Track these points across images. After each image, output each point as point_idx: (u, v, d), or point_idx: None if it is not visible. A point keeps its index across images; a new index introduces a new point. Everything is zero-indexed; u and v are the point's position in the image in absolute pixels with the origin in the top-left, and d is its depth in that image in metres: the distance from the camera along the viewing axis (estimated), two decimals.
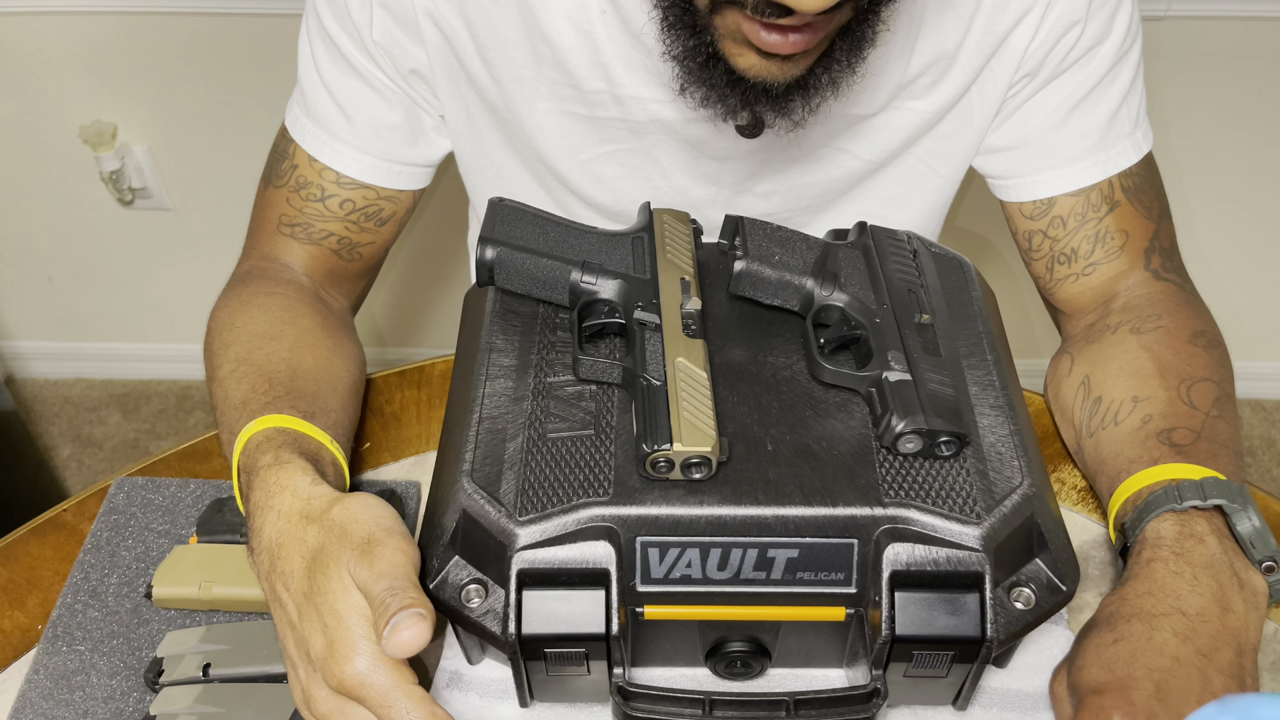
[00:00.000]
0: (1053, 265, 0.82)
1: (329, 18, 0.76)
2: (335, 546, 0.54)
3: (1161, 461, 0.64)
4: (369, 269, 0.85)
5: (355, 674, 0.51)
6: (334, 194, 0.80)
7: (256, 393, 0.65)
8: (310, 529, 0.55)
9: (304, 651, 0.53)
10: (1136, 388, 0.70)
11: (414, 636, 0.50)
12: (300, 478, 0.58)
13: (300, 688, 0.54)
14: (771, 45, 0.57)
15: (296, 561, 0.55)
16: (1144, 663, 0.55)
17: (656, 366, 0.59)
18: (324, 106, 0.78)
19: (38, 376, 1.97)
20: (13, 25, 1.48)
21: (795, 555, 0.55)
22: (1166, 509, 0.61)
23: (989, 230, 1.60)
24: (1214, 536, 0.60)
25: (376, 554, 0.53)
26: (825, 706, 0.56)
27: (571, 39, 0.72)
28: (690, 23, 0.61)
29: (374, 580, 0.52)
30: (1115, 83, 0.78)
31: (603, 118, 0.77)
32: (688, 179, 0.81)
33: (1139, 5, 0.77)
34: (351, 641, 0.51)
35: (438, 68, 0.77)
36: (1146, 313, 0.76)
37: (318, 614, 0.53)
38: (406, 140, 0.80)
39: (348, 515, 0.55)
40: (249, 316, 0.72)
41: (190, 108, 1.57)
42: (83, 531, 0.73)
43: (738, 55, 0.60)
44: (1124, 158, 0.79)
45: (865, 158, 0.81)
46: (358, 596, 0.52)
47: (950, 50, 0.75)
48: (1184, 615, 0.57)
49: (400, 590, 0.51)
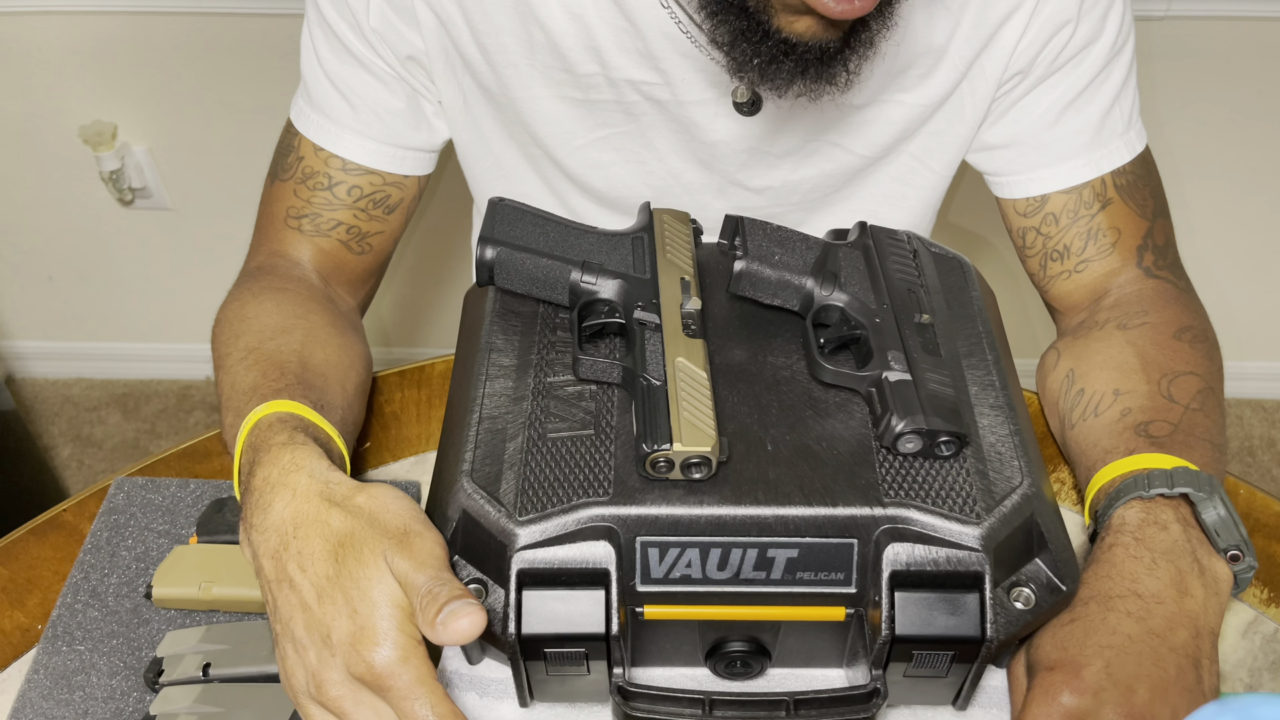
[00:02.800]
0: (1046, 262, 0.82)
1: (328, 7, 0.76)
2: (369, 533, 0.53)
3: (1137, 452, 0.65)
4: (376, 266, 0.85)
5: (385, 663, 0.50)
6: (341, 181, 0.80)
7: (268, 379, 0.64)
8: (335, 512, 0.54)
9: (321, 635, 0.52)
10: (1118, 381, 0.71)
11: (473, 624, 0.49)
12: (317, 461, 0.57)
13: (307, 671, 0.53)
14: (840, 13, 0.58)
15: (318, 544, 0.54)
16: (1096, 641, 0.56)
17: (656, 366, 0.59)
18: (327, 95, 0.79)
19: (38, 376, 1.97)
20: (13, 25, 1.48)
21: (795, 555, 0.55)
22: (1134, 496, 0.62)
23: (988, 229, 1.60)
24: (1178, 524, 0.61)
25: (415, 545, 0.52)
26: (825, 706, 0.56)
27: (564, 23, 0.73)
28: (740, 5, 0.62)
29: (416, 570, 0.51)
30: (1107, 82, 0.78)
31: (597, 101, 0.78)
32: (681, 162, 0.81)
33: (1137, 5, 0.78)
34: (384, 630, 0.51)
35: (434, 54, 0.77)
36: (1134, 309, 0.77)
37: (345, 598, 0.52)
38: (410, 125, 0.81)
39: (378, 505, 0.55)
40: (260, 309, 0.72)
41: (190, 108, 1.57)
42: (83, 531, 0.73)
43: (793, 22, 0.61)
44: (1117, 156, 0.80)
45: (857, 151, 0.82)
46: (394, 585, 0.52)
47: (940, 44, 0.76)
48: (1139, 597, 0.58)
49: (448, 580, 0.51)
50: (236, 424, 0.63)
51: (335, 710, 0.52)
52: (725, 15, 0.63)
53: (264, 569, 0.56)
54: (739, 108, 0.76)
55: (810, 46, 0.62)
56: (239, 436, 0.62)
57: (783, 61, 0.63)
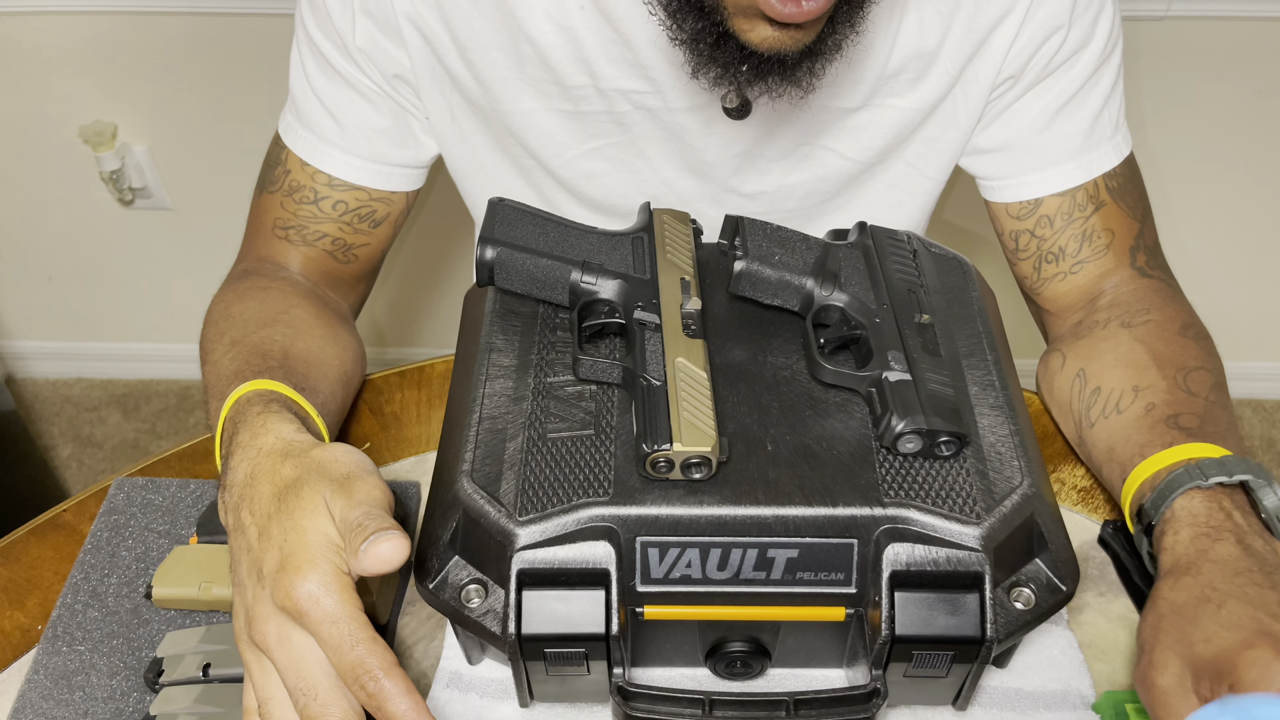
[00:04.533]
0: (1040, 264, 0.82)
1: (314, 27, 0.77)
2: (312, 477, 0.54)
3: (1176, 444, 0.64)
4: (365, 273, 0.86)
5: (305, 590, 0.50)
6: (327, 196, 0.80)
7: (250, 366, 0.65)
8: (287, 463, 0.55)
9: (257, 571, 0.52)
10: (1135, 378, 0.71)
11: (394, 549, 0.50)
12: (286, 425, 0.58)
13: (244, 612, 0.53)
14: (788, 15, 0.58)
15: (266, 489, 0.54)
16: (1265, 607, 0.54)
17: (656, 366, 0.59)
18: (314, 112, 0.80)
19: (38, 376, 1.97)
20: (13, 25, 1.48)
21: (795, 555, 0.55)
22: (1192, 486, 0.61)
23: (987, 229, 1.59)
24: (1239, 512, 0.60)
25: (356, 487, 0.53)
26: (825, 706, 0.56)
27: (552, 36, 0.73)
28: (697, 5, 0.62)
29: (351, 508, 0.52)
30: (1097, 86, 0.79)
31: (588, 112, 0.78)
32: (674, 170, 0.82)
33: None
34: (309, 557, 0.51)
35: (420, 71, 0.77)
36: (1135, 307, 0.77)
37: (280, 532, 0.52)
38: (395, 142, 0.81)
39: (328, 456, 0.56)
40: (244, 307, 0.73)
41: (190, 108, 1.57)
42: (83, 531, 0.73)
43: (749, 30, 0.61)
44: (1106, 159, 0.80)
45: (850, 156, 0.82)
46: (326, 521, 0.52)
47: (932, 48, 0.76)
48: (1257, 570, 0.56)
49: (379, 516, 0.51)
50: (219, 407, 0.63)
51: (262, 647, 0.51)
52: (684, 15, 0.63)
53: (228, 522, 0.57)
54: (729, 112, 0.76)
55: (767, 56, 0.62)
56: (220, 415, 0.62)
57: (741, 65, 0.64)
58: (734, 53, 0.63)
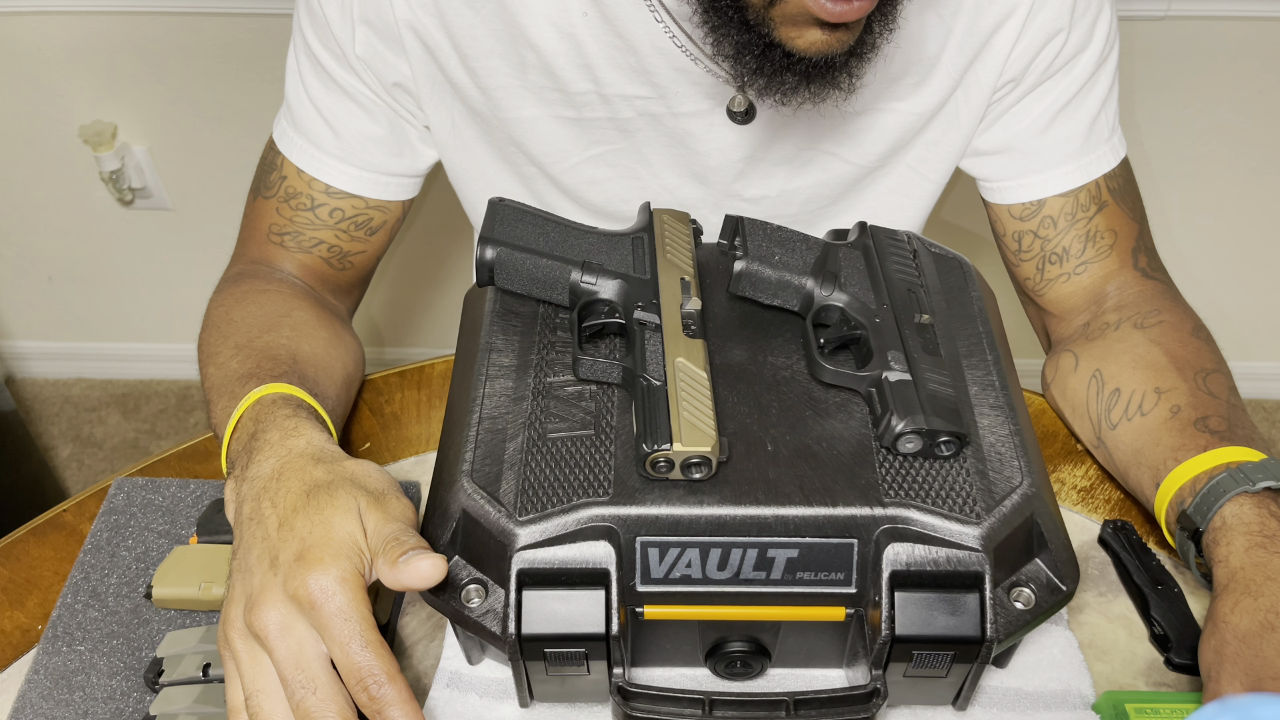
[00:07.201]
0: (1044, 265, 0.82)
1: (312, 37, 0.77)
2: (347, 484, 0.55)
3: (1210, 447, 0.64)
4: (359, 279, 0.86)
5: (322, 583, 0.50)
6: (323, 203, 0.80)
7: (262, 368, 0.66)
8: (319, 467, 0.56)
9: (271, 558, 0.52)
10: (1155, 380, 0.71)
11: (434, 567, 0.51)
12: (318, 434, 0.60)
13: (244, 599, 0.52)
14: (839, 15, 0.58)
15: (295, 484, 0.55)
16: None
17: (656, 366, 0.59)
18: (311, 121, 0.79)
19: (38, 376, 1.97)
20: (13, 25, 1.48)
21: (795, 555, 0.55)
22: (1240, 491, 0.61)
23: (987, 229, 1.59)
24: None
25: (390, 503, 0.55)
26: (825, 706, 0.56)
27: (555, 42, 0.73)
28: (741, 20, 0.62)
29: (386, 522, 0.53)
30: (1095, 88, 0.79)
31: (590, 118, 0.78)
32: (677, 176, 0.82)
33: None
34: (332, 552, 0.51)
35: (421, 80, 0.77)
36: (1145, 309, 0.77)
37: (305, 524, 0.52)
38: (392, 152, 0.81)
39: (361, 470, 0.57)
40: (245, 311, 0.73)
41: (190, 108, 1.57)
42: (83, 531, 0.73)
43: (797, 38, 0.61)
44: (1105, 161, 0.80)
45: (852, 160, 0.82)
46: (355, 524, 0.53)
47: (933, 52, 0.76)
48: None
49: (414, 535, 0.53)
50: (231, 406, 0.63)
51: (260, 635, 0.51)
52: (727, 30, 0.63)
53: (241, 511, 0.57)
54: (734, 117, 0.76)
55: (815, 60, 0.62)
56: (235, 412, 0.62)
57: (787, 74, 0.63)
58: (779, 61, 0.63)
